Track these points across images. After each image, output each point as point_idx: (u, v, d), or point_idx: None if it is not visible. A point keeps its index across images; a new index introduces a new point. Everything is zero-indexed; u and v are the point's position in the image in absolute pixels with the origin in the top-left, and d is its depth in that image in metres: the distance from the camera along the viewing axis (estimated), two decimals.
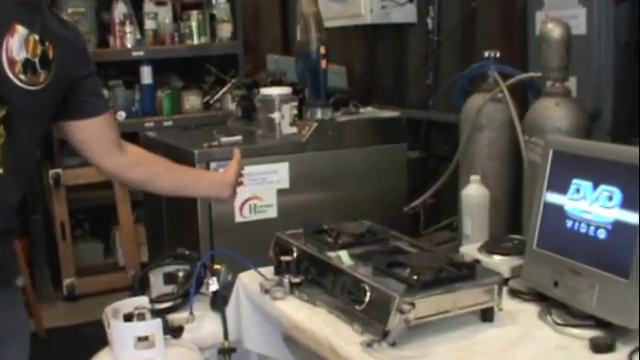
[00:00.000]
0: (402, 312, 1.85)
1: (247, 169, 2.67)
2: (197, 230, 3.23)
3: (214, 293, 2.39)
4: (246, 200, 3.24)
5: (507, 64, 2.94)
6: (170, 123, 5.52)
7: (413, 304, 1.88)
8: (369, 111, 3.68)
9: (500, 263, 2.36)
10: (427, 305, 1.91)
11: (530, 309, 2.17)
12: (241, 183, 2.49)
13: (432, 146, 4.19)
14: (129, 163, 2.21)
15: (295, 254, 2.31)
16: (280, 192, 3.32)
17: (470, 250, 2.47)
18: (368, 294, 1.96)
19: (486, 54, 2.91)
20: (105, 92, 5.22)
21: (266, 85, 3.59)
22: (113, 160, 2.16)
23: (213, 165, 3.16)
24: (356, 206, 3.38)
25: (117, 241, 5.67)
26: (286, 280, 2.27)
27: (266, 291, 2.29)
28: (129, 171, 2.22)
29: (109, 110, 2.19)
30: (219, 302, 2.40)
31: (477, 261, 2.29)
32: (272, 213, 3.32)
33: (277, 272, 2.36)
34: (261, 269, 2.40)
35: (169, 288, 2.51)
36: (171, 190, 2.36)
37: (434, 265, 2.04)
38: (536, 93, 2.80)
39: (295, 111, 3.41)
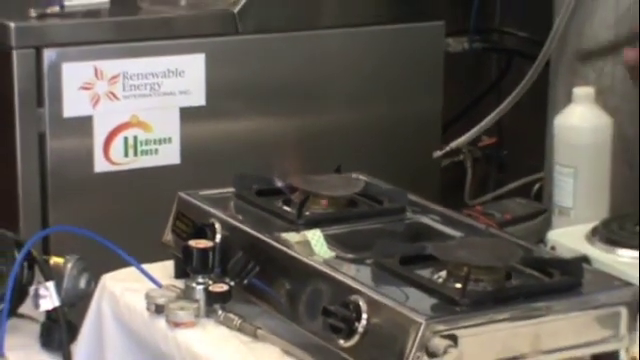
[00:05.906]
0: (432, 355, 1.43)
1: (122, 65, 2.24)
2: (15, 188, 2.40)
3: (49, 315, 1.86)
4: (117, 128, 2.37)
5: None
6: None
7: (454, 338, 1.44)
8: None
9: (632, 264, 1.84)
10: (482, 342, 1.48)
11: None
12: None
13: (493, 26, 3.13)
14: None
15: (218, 236, 1.79)
16: (188, 113, 2.46)
17: (570, 237, 1.97)
18: (364, 317, 1.51)
19: None
20: None
21: None
22: None
23: (48, 55, 2.27)
24: (341, 145, 2.57)
25: None
26: (199, 288, 1.74)
27: (158, 310, 1.75)
28: None
29: None
30: (60, 333, 1.87)
31: (584, 259, 1.79)
32: (171, 155, 2.48)
33: (180, 272, 1.84)
34: (147, 266, 1.86)
35: None
36: None
37: (495, 263, 1.62)
38: None
39: None
